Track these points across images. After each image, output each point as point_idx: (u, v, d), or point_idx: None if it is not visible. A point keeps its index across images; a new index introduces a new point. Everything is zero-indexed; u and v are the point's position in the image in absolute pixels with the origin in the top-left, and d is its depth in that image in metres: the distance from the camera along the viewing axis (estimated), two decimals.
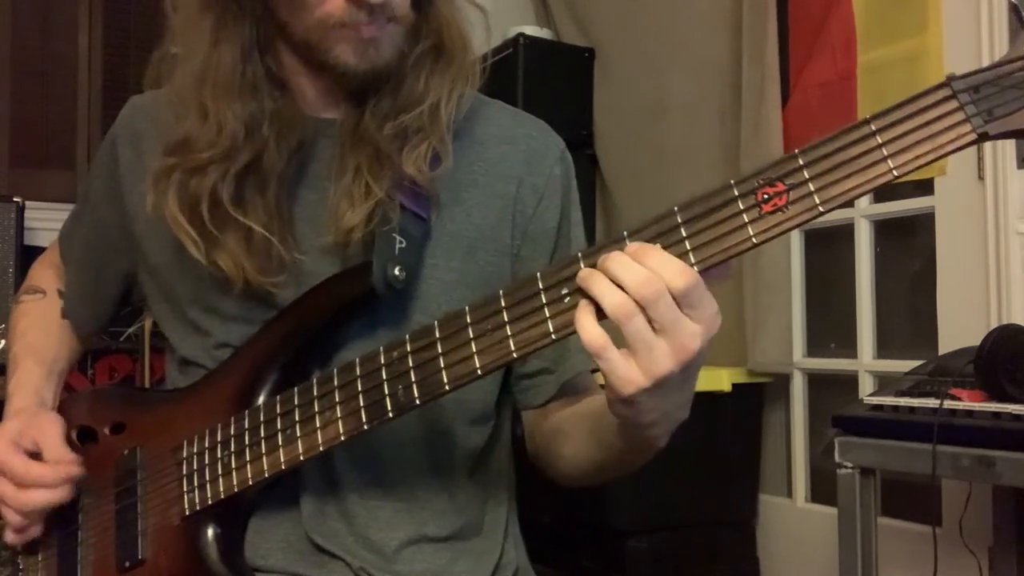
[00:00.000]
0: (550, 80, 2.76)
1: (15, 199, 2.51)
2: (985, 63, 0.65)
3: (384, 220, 0.87)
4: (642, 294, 0.67)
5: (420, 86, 0.90)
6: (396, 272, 0.86)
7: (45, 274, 1.16)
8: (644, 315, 0.67)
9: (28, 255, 2.43)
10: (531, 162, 0.98)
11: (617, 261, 0.68)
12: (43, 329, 1.11)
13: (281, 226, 0.90)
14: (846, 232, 2.23)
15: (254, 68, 0.90)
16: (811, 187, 0.66)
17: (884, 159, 0.65)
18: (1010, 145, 1.87)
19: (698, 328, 0.68)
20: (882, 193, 2.15)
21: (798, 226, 0.67)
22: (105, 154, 1.05)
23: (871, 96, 2.08)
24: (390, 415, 0.78)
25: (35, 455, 0.95)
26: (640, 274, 0.67)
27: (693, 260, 0.68)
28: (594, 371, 0.99)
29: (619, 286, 0.68)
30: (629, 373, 0.69)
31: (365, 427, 0.79)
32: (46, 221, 2.59)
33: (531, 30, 2.81)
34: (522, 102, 2.60)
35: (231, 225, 0.88)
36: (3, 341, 2.41)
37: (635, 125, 2.71)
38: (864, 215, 2.19)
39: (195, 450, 0.90)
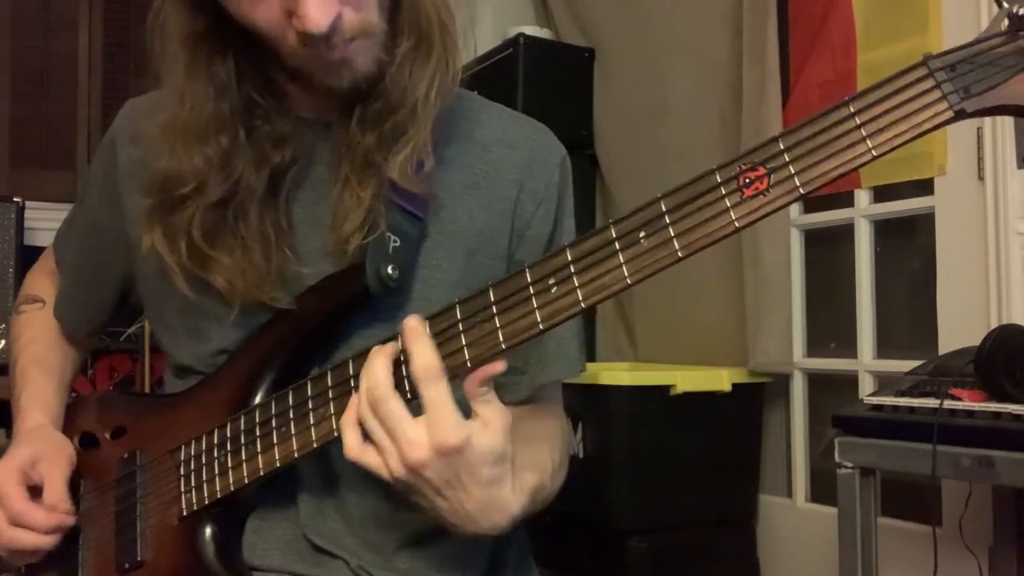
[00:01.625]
0: (550, 80, 2.75)
1: (15, 199, 2.51)
2: None
3: (375, 228, 0.88)
4: (366, 398, 0.75)
5: (402, 87, 0.89)
6: (389, 271, 0.87)
7: (42, 283, 1.16)
8: (377, 421, 0.75)
9: (28, 255, 2.44)
10: (533, 166, 0.98)
11: (370, 359, 0.77)
12: (47, 340, 1.12)
13: (279, 239, 0.90)
14: (846, 232, 2.23)
15: (231, 101, 0.89)
16: (792, 170, 0.67)
17: (863, 139, 0.66)
18: (1010, 145, 1.87)
19: (421, 437, 0.74)
20: (882, 193, 2.15)
21: (780, 208, 0.68)
22: (103, 157, 1.05)
23: None
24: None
25: (38, 488, 0.96)
26: (369, 377, 0.76)
27: (678, 246, 0.69)
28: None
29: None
30: (380, 470, 0.76)
31: None
32: (46, 221, 2.59)
33: (531, 30, 2.80)
34: (522, 102, 2.60)
35: (217, 252, 0.89)
36: (2, 342, 2.41)
37: (635, 125, 2.71)
38: (864, 215, 2.19)
39: (193, 452, 0.90)
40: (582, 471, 1.85)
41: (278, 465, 0.84)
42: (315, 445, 0.82)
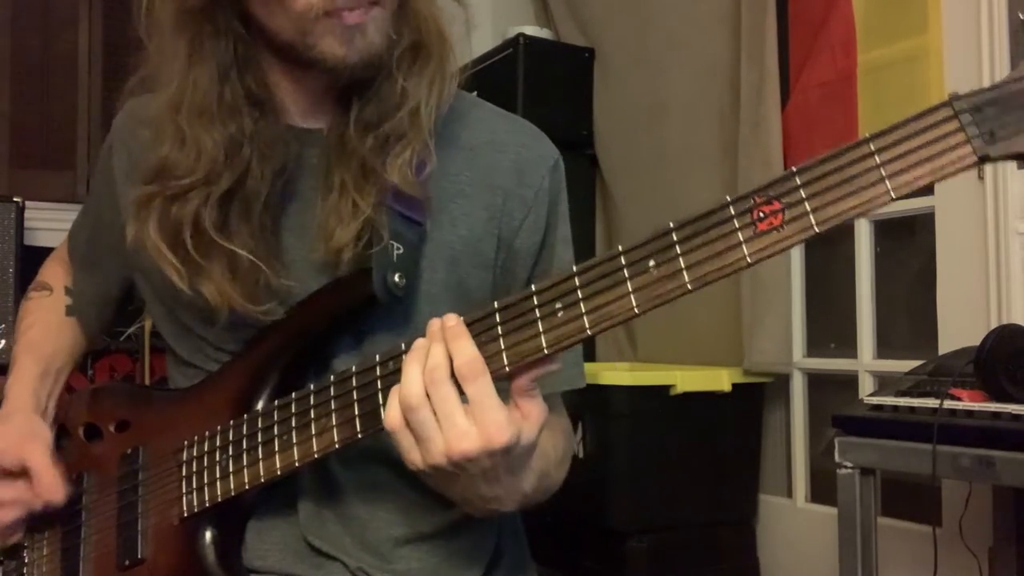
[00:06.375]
0: (550, 80, 2.75)
1: (15, 199, 2.51)
2: (985, 64, 0.64)
3: (377, 240, 0.86)
4: (425, 379, 0.71)
5: (399, 90, 0.88)
6: (396, 279, 0.86)
7: (54, 270, 1.17)
8: (429, 406, 0.71)
9: (28, 255, 2.44)
10: (521, 172, 0.95)
11: (430, 342, 0.73)
12: (44, 326, 1.11)
13: (267, 251, 0.89)
14: (846, 232, 2.23)
15: (232, 88, 0.88)
16: (807, 207, 0.64)
17: (882, 180, 0.63)
18: None
19: (471, 430, 0.70)
20: None
21: (794, 246, 0.65)
22: (103, 159, 1.06)
23: (871, 96, 2.07)
24: (384, 425, 0.78)
25: (12, 473, 0.95)
26: (431, 357, 0.72)
27: (688, 278, 0.67)
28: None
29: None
30: (412, 456, 0.73)
31: (359, 435, 0.80)
32: (46, 221, 2.59)
33: (531, 30, 2.80)
34: (522, 102, 2.60)
35: (215, 252, 0.87)
36: (3, 341, 2.41)
37: (635, 125, 2.71)
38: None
39: (195, 453, 0.90)
40: (582, 471, 1.85)
41: (279, 473, 0.84)
42: (316, 455, 0.82)
